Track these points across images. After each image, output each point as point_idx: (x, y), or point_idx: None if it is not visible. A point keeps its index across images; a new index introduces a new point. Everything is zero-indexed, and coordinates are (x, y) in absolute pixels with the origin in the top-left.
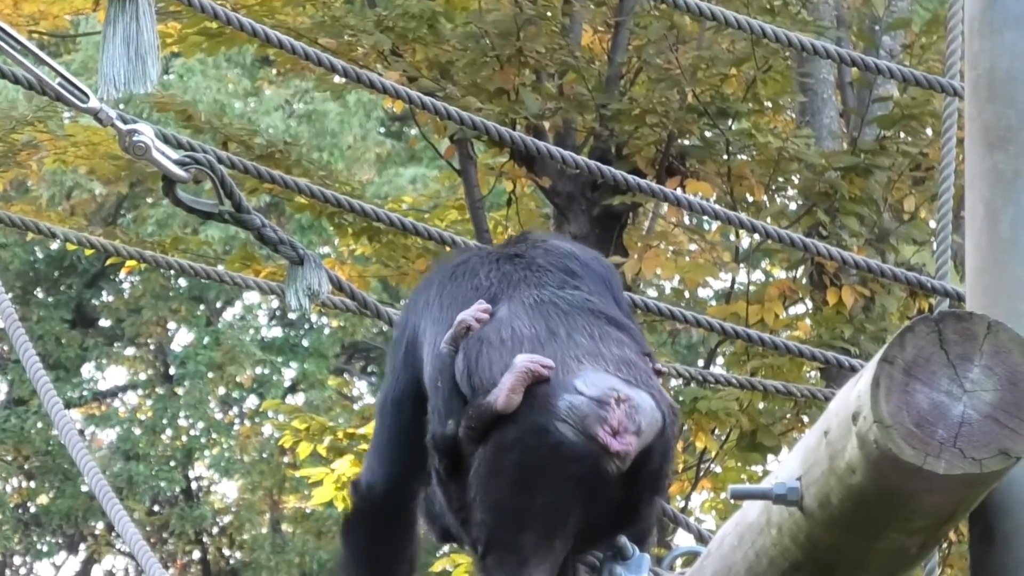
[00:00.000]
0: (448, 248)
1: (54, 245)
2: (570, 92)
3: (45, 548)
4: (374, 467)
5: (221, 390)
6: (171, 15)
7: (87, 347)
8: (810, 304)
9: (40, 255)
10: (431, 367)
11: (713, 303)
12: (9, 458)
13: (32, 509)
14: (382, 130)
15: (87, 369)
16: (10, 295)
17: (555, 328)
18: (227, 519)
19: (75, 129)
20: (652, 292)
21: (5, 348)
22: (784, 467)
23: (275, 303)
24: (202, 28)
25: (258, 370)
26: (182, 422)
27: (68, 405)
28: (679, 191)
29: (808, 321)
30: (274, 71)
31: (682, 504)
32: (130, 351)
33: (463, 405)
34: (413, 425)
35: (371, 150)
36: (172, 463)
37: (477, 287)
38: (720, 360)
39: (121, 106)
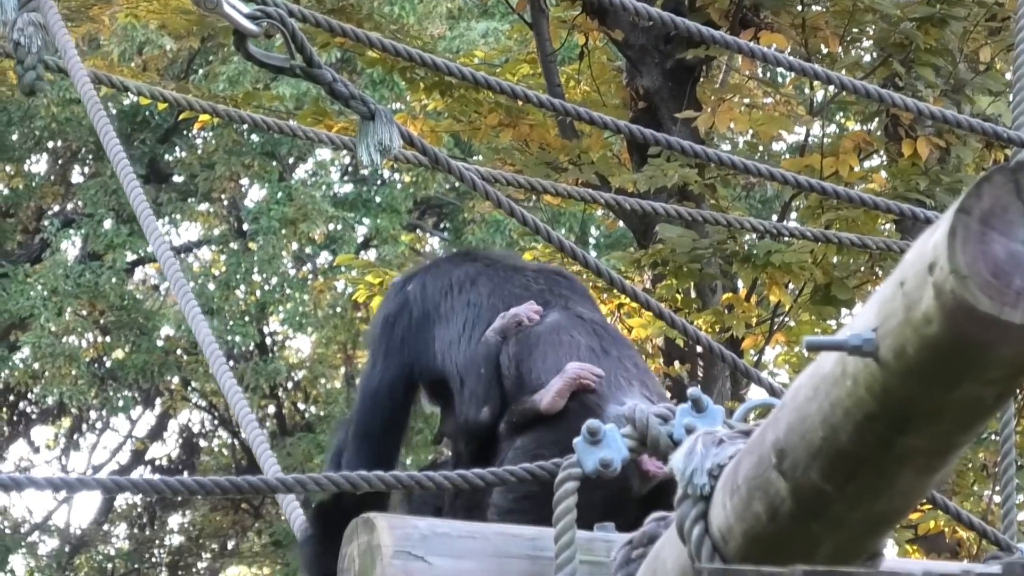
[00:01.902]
0: (520, 103)
1: (127, 100)
2: None
3: (121, 403)
4: (358, 460)
5: (294, 246)
6: None
7: (161, 202)
8: (885, 156)
9: (113, 110)
10: (470, 353)
11: (787, 156)
12: (84, 313)
13: (108, 364)
14: None
15: (161, 225)
16: (84, 149)
17: (608, 347)
18: (301, 374)
19: None
20: (726, 146)
21: (80, 204)
22: (859, 318)
23: (347, 159)
24: None
25: (330, 226)
26: (256, 277)
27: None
28: (753, 43)
29: (883, 173)
30: None
31: (755, 358)
32: (203, 206)
33: (501, 393)
34: (402, 411)
35: (442, 4)
36: (246, 318)
37: (526, 287)
38: (794, 213)
39: None
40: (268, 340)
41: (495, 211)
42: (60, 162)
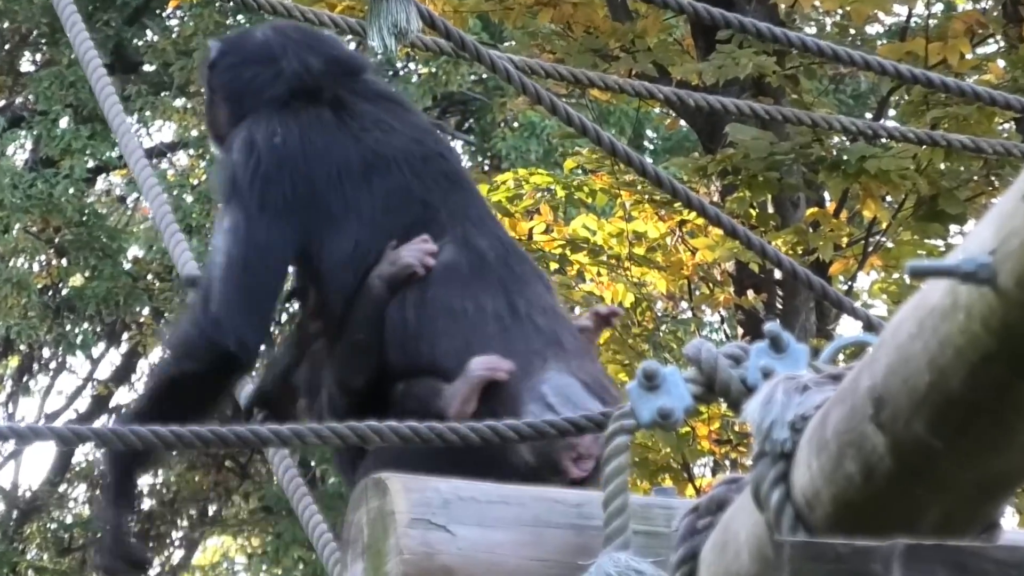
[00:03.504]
0: None
1: None
2: None
3: (80, 338)
4: (250, 319)
5: None
6: None
7: (128, 96)
8: (1003, 41)
9: None
10: (356, 297)
11: (885, 41)
12: (36, 230)
13: (64, 292)
14: None
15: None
16: (35, 32)
17: (515, 303)
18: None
19: None
20: (810, 29)
21: (31, 99)
22: (973, 239)
23: (353, 45)
24: None
25: None
26: None
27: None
28: None
29: (1000, 62)
30: None
31: (846, 286)
32: (179, 102)
33: (380, 362)
34: (280, 283)
35: None
36: None
37: (407, 197)
38: (893, 111)
39: None
40: None
41: (532, 108)
42: (7, 48)
